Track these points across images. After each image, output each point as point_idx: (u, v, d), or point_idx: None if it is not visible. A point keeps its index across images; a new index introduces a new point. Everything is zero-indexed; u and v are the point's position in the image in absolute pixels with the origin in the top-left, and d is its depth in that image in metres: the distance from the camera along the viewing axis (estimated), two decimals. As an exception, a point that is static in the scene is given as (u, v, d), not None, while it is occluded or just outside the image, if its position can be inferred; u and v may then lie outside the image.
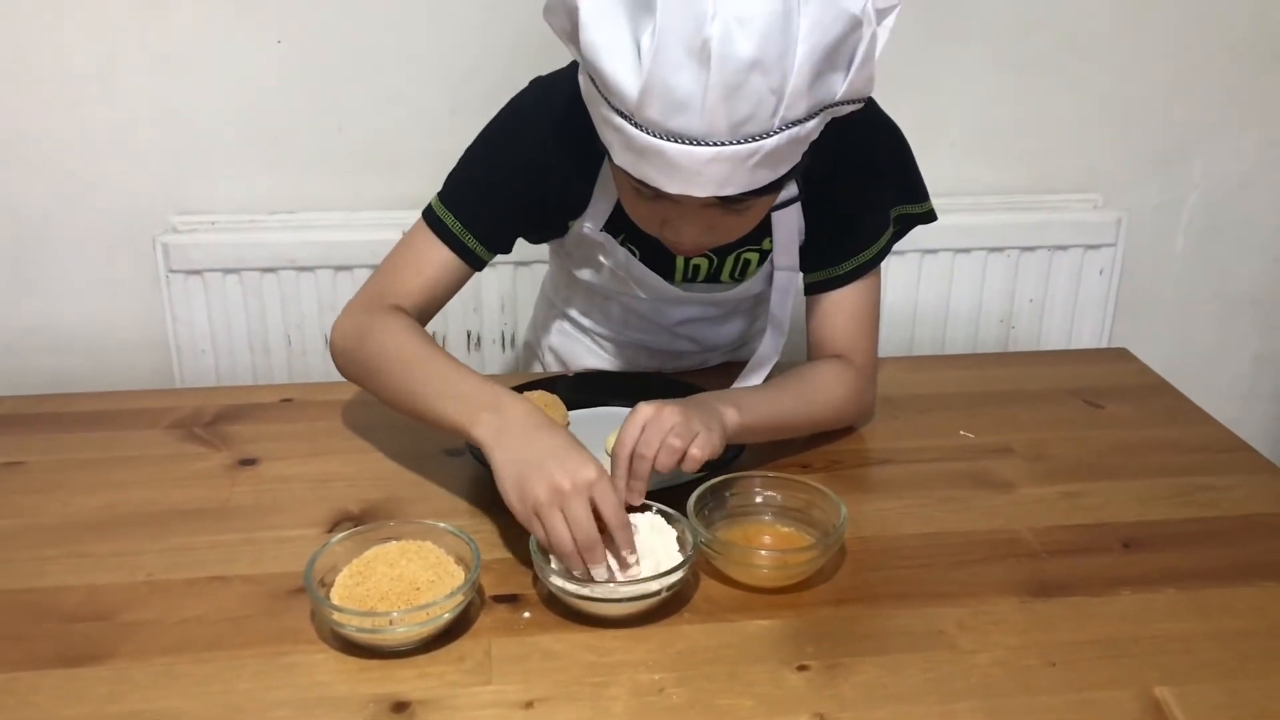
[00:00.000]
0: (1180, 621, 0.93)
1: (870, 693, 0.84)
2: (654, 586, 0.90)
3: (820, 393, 1.17)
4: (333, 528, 1.04)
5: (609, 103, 0.93)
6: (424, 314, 1.16)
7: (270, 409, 1.27)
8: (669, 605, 0.92)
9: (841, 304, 1.20)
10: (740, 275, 1.23)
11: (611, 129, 0.94)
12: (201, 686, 0.84)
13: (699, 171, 0.91)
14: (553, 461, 0.92)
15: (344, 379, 1.17)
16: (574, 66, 1.15)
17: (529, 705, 0.82)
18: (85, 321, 1.71)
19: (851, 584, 0.97)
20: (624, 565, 0.92)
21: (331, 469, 1.14)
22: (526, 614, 0.92)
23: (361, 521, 1.04)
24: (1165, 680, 0.85)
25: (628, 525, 0.92)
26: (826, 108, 0.94)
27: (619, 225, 1.16)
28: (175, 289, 1.65)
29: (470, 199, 1.14)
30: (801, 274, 1.22)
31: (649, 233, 1.07)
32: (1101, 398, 1.32)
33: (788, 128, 0.91)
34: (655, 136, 0.91)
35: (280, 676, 0.85)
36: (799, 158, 0.97)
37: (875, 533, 1.04)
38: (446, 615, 0.87)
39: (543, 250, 1.31)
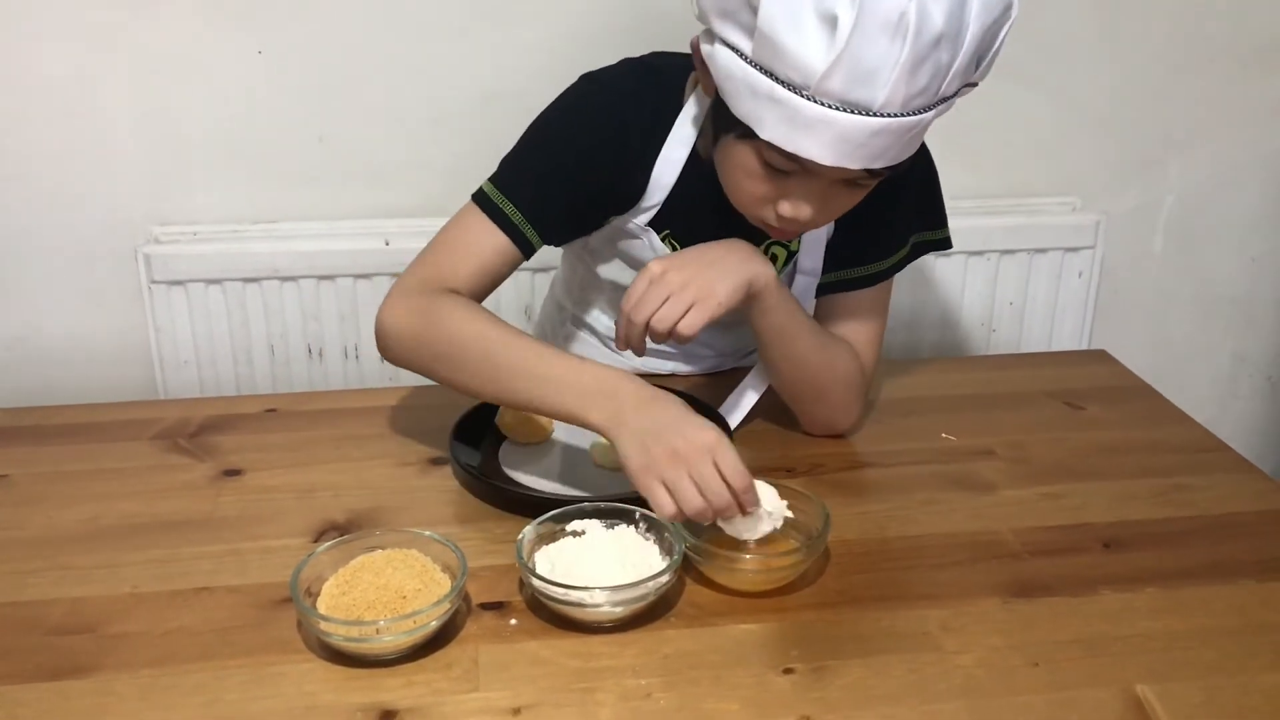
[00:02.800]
0: (1160, 620, 0.94)
1: (855, 694, 0.84)
2: (641, 591, 0.90)
3: (833, 349, 1.19)
4: (318, 537, 1.04)
5: (774, 75, 0.94)
6: (475, 300, 1.14)
7: (254, 419, 1.27)
8: (654, 610, 0.93)
9: (850, 307, 1.22)
10: None
11: (769, 102, 0.95)
12: (188, 698, 0.84)
13: (862, 144, 0.95)
14: (672, 430, 0.95)
15: (397, 365, 1.13)
16: (623, 63, 1.18)
17: (516, 712, 0.82)
18: (67, 333, 1.71)
19: (836, 587, 0.98)
20: (745, 512, 0.95)
21: (316, 479, 1.14)
22: (513, 621, 0.92)
23: (347, 531, 1.04)
24: (1146, 678, 0.86)
25: (751, 484, 0.94)
26: (963, 87, 0.98)
27: (663, 221, 1.18)
28: (158, 300, 1.65)
29: (528, 187, 1.14)
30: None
31: (750, 213, 1.09)
32: (1081, 399, 1.33)
33: (942, 103, 0.97)
34: (829, 108, 0.93)
35: (267, 687, 0.85)
36: (923, 138, 1.02)
37: (858, 536, 1.05)
38: (433, 623, 0.88)
39: (538, 258, 1.31)
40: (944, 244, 1.26)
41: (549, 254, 1.27)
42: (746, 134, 0.99)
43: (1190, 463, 1.19)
